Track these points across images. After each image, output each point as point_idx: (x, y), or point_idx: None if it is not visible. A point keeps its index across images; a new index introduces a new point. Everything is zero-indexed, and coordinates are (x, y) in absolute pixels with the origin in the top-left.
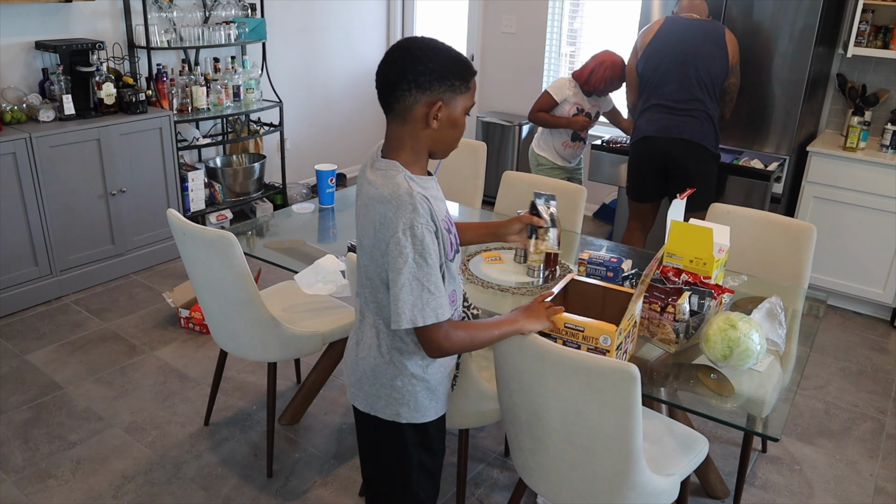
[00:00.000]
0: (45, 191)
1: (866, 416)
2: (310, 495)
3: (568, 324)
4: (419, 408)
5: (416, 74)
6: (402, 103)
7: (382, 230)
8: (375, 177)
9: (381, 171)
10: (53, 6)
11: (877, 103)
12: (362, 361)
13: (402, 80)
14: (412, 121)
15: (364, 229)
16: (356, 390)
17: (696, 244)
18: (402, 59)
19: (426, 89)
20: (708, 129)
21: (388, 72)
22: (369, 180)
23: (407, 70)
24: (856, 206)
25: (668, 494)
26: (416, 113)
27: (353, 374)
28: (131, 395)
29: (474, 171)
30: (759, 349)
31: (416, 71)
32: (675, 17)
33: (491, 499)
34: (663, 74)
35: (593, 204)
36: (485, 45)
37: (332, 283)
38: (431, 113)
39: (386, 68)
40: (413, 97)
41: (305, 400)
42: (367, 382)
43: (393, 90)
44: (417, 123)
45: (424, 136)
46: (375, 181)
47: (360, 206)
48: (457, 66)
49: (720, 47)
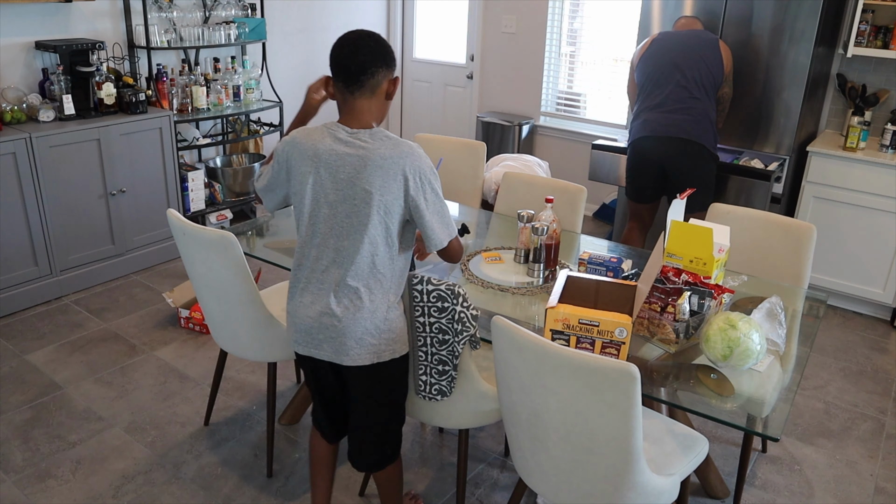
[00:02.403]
0: (45, 191)
1: (866, 416)
2: (310, 495)
3: (582, 319)
4: (403, 337)
5: (384, 55)
6: (375, 79)
7: (414, 177)
8: (373, 143)
9: (377, 137)
10: (53, 6)
11: (877, 103)
12: (363, 320)
13: (376, 59)
14: (379, 94)
15: (375, 182)
16: (359, 350)
17: (696, 244)
18: (371, 43)
19: (391, 67)
20: (705, 128)
21: (361, 53)
22: (366, 147)
23: (378, 52)
24: (856, 206)
25: (668, 494)
26: (383, 87)
27: (352, 335)
28: (131, 395)
29: (474, 171)
30: (759, 349)
31: (384, 53)
32: (669, 31)
33: (491, 499)
34: (659, 77)
35: (593, 204)
36: (485, 45)
37: None
38: (393, 87)
39: (357, 51)
40: (382, 74)
41: (305, 400)
42: (369, 336)
43: (367, 68)
44: (382, 96)
45: (385, 106)
46: (375, 146)
47: (359, 171)
48: (393, 52)
49: (715, 51)
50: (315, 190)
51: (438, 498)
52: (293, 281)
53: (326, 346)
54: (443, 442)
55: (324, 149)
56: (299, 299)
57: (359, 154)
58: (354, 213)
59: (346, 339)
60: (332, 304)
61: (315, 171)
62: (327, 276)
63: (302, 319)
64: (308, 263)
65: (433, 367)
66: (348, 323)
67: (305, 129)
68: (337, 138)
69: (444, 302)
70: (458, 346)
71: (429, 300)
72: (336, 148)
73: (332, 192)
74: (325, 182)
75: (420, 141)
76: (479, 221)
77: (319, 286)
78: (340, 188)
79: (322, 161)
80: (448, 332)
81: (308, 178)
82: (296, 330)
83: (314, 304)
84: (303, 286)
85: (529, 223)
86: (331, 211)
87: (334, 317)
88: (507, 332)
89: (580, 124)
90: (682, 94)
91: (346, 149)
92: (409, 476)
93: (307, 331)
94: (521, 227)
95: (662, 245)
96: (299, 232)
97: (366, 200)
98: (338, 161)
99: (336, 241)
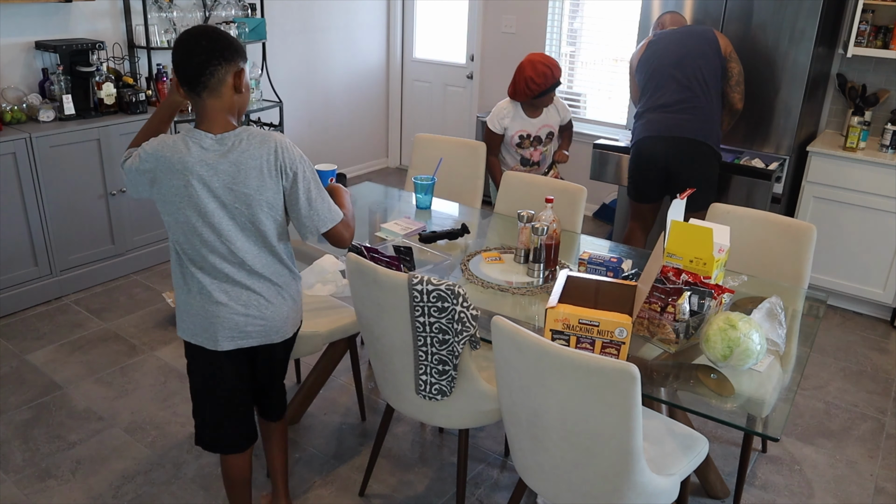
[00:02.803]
0: (45, 191)
1: (866, 416)
2: (310, 495)
3: (582, 319)
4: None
5: (220, 51)
6: (216, 77)
7: (285, 164)
8: (240, 145)
9: (242, 138)
10: (53, 6)
11: (877, 103)
12: (283, 303)
13: (211, 57)
14: (226, 90)
15: (251, 184)
16: (282, 326)
17: (696, 244)
18: (203, 41)
19: (232, 61)
20: (710, 127)
21: (195, 54)
22: (234, 150)
23: (213, 49)
24: (856, 206)
25: (668, 494)
26: (228, 82)
27: (277, 316)
28: (131, 395)
29: (474, 171)
30: (759, 349)
31: (220, 48)
32: (662, 31)
33: (491, 499)
34: (660, 78)
35: (593, 204)
36: (485, 45)
37: (331, 283)
38: (239, 80)
39: (191, 53)
40: (223, 70)
41: (305, 400)
42: (292, 313)
43: (205, 68)
44: (230, 91)
45: (239, 100)
46: (243, 147)
47: (234, 177)
48: (236, 41)
49: (711, 44)
50: (193, 201)
51: (438, 498)
52: (188, 282)
53: (255, 334)
54: (443, 442)
55: (193, 161)
56: (211, 299)
57: (229, 160)
58: (239, 215)
59: (275, 322)
60: (253, 297)
61: (187, 184)
62: (236, 274)
63: (229, 317)
64: (208, 267)
65: (433, 366)
66: (274, 310)
67: (167, 142)
68: (203, 147)
69: (444, 302)
70: (458, 346)
71: (429, 300)
72: (205, 158)
73: (210, 200)
74: (200, 193)
75: (420, 141)
76: (479, 221)
77: (232, 285)
78: (219, 195)
79: (194, 174)
80: (448, 332)
81: (182, 191)
82: (222, 328)
83: (234, 301)
84: (209, 287)
85: (529, 223)
86: (214, 219)
87: (261, 307)
88: (507, 332)
89: (580, 124)
90: (685, 94)
91: (215, 157)
92: (409, 476)
93: (234, 326)
94: (521, 227)
95: (662, 245)
96: (175, 236)
97: (247, 203)
98: (210, 171)
99: (230, 244)
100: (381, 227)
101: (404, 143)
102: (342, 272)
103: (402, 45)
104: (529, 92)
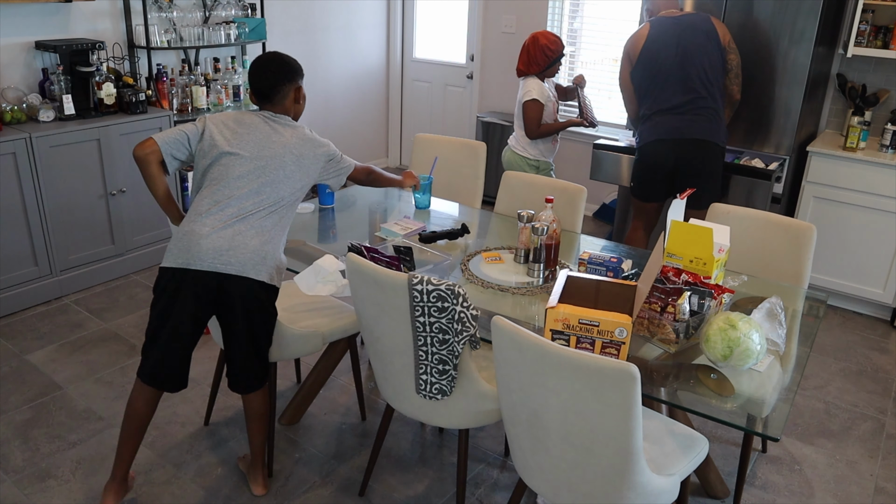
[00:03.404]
0: (45, 191)
1: (866, 416)
2: (310, 495)
3: (582, 319)
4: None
5: (284, 74)
6: (280, 94)
7: (318, 148)
8: (288, 122)
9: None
10: (53, 6)
11: (877, 103)
12: (266, 244)
13: (279, 78)
14: (288, 102)
15: (291, 160)
16: (261, 268)
17: (696, 244)
18: (272, 66)
19: (293, 81)
20: (717, 126)
21: (264, 77)
22: (290, 126)
23: (279, 72)
24: (856, 206)
25: (668, 494)
26: (291, 97)
27: (255, 257)
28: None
29: (474, 170)
30: (759, 349)
31: (285, 72)
32: (660, 19)
33: (491, 499)
34: (664, 78)
35: (593, 204)
36: (485, 45)
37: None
38: (297, 94)
39: (261, 75)
40: (287, 88)
41: (305, 400)
42: (270, 258)
43: (273, 87)
44: (291, 102)
45: (293, 108)
46: (293, 133)
47: (285, 146)
48: (296, 63)
49: (710, 36)
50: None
51: (438, 498)
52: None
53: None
54: (443, 442)
55: (258, 121)
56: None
57: (278, 140)
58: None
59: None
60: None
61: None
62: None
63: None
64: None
65: (433, 366)
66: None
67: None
68: (278, 123)
69: (444, 302)
70: (458, 346)
71: (429, 300)
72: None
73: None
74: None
75: (420, 141)
76: (479, 221)
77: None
78: (284, 152)
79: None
80: (448, 331)
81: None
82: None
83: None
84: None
85: (529, 223)
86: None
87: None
88: (507, 332)
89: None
90: (691, 95)
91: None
92: (408, 476)
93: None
94: (521, 227)
95: (662, 245)
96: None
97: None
98: (267, 139)
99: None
100: (381, 227)
101: (404, 142)
102: (342, 272)
103: (402, 45)
104: (546, 59)
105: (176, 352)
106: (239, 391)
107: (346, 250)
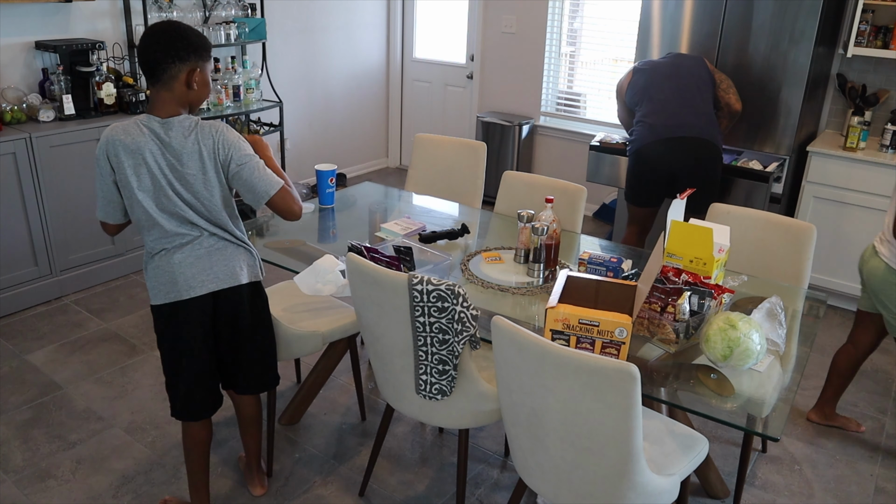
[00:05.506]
0: (45, 191)
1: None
2: (310, 495)
3: (582, 319)
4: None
5: (176, 49)
6: (169, 73)
7: (223, 148)
8: (184, 128)
9: (178, 121)
10: (53, 6)
11: (877, 103)
12: (237, 244)
13: (168, 54)
14: (178, 85)
15: (197, 167)
16: (244, 268)
17: (696, 244)
18: (163, 38)
19: (187, 60)
20: (712, 126)
21: (149, 51)
22: (186, 133)
23: (170, 46)
24: (856, 206)
25: (668, 494)
26: (181, 79)
27: (235, 261)
28: (131, 395)
29: (474, 171)
30: (759, 349)
31: (177, 46)
32: (650, 59)
33: (491, 499)
34: (656, 88)
35: (593, 204)
36: (485, 45)
37: (331, 284)
38: (190, 77)
39: (147, 49)
40: (177, 68)
41: (305, 400)
42: (244, 255)
43: (159, 64)
44: (182, 86)
45: (191, 94)
46: (181, 130)
47: (178, 156)
48: (197, 40)
49: (698, 62)
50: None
51: (438, 498)
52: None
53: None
54: (443, 442)
55: (145, 141)
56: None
57: (173, 144)
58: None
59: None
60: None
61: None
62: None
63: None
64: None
65: (433, 366)
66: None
67: (119, 127)
68: (159, 130)
69: (444, 302)
70: (458, 346)
71: (429, 300)
72: (155, 138)
73: (159, 177)
74: (153, 169)
75: (420, 141)
76: (479, 221)
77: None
78: (165, 173)
79: (147, 152)
80: (448, 332)
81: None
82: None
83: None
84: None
85: (529, 223)
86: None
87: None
88: (507, 332)
89: (580, 124)
90: (684, 96)
91: (156, 137)
92: (409, 476)
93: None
94: (521, 227)
95: (662, 245)
96: (141, 219)
97: (188, 182)
98: (149, 151)
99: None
100: (381, 227)
101: (404, 143)
102: (342, 272)
103: (402, 45)
104: None
105: (203, 381)
106: (255, 391)
107: (346, 250)
